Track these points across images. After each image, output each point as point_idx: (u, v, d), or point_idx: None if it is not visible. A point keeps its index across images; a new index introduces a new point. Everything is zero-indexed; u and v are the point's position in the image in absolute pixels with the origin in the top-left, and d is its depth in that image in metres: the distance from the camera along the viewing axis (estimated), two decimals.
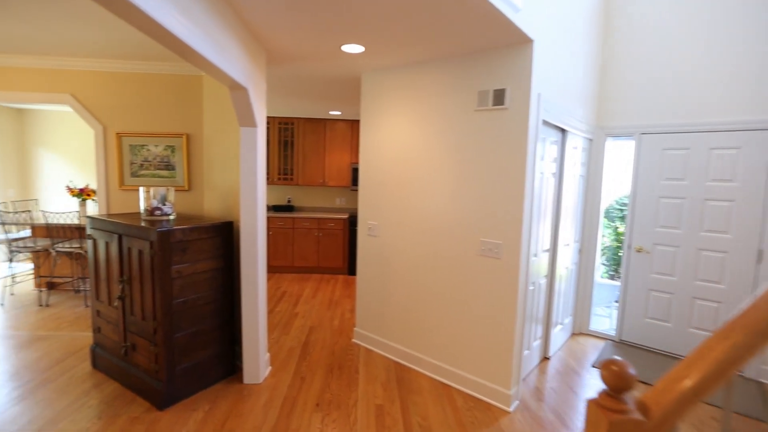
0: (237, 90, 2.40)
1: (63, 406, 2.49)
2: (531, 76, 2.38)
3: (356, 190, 6.15)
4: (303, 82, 3.69)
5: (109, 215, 2.92)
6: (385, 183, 3.22)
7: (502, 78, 2.50)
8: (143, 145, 3.31)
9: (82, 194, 4.67)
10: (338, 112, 5.52)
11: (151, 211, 2.75)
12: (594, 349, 3.62)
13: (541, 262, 3.01)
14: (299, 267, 5.94)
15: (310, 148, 6.08)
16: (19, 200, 6.03)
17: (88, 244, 2.89)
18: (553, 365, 3.28)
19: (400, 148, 3.09)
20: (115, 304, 2.72)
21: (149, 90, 3.27)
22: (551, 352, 3.38)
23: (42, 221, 4.35)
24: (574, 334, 3.93)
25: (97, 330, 2.93)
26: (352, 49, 2.67)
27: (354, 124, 6.06)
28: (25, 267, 5.59)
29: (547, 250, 3.11)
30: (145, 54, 3.01)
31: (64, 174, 6.35)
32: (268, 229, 5.83)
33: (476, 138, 2.65)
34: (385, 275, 3.28)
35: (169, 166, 3.33)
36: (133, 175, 3.36)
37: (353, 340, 3.59)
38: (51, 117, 6.21)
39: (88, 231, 2.89)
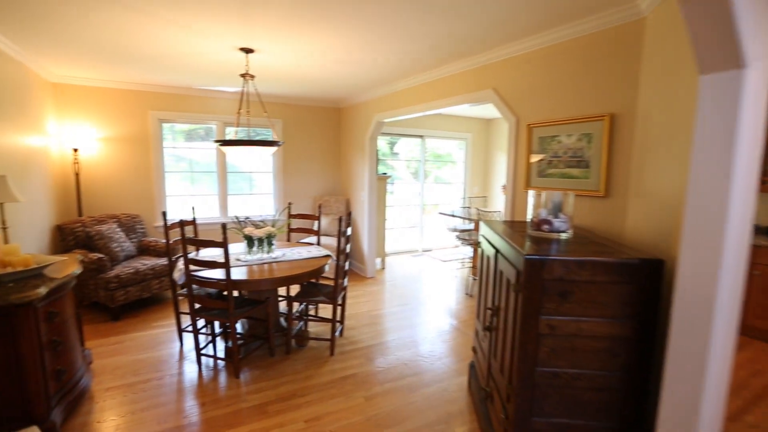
0: None
1: (427, 422, 2.32)
2: None
3: None
4: None
5: (508, 222, 2.47)
6: None
7: None
8: (554, 137, 2.59)
9: None
10: None
11: (537, 225, 1.99)
12: None
13: None
14: None
15: None
16: (474, 197, 7.16)
17: (480, 250, 2.58)
18: None
19: None
20: (484, 333, 2.24)
21: (561, 64, 2.50)
22: None
23: (476, 217, 4.75)
24: None
25: (474, 350, 2.61)
26: None
27: None
28: (469, 253, 6.58)
29: None
30: (557, 15, 2.25)
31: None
32: (753, 267, 3.51)
33: None
34: None
35: (581, 163, 2.43)
36: (541, 174, 2.73)
37: None
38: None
39: (480, 236, 2.57)
